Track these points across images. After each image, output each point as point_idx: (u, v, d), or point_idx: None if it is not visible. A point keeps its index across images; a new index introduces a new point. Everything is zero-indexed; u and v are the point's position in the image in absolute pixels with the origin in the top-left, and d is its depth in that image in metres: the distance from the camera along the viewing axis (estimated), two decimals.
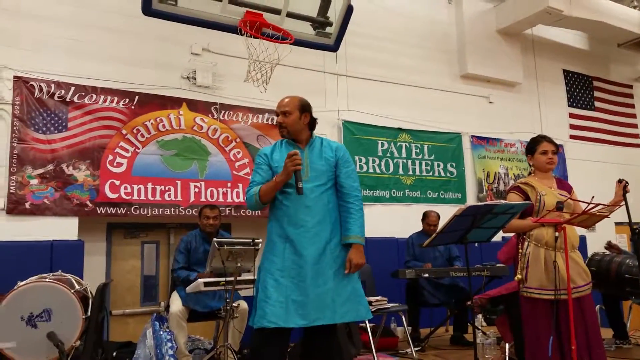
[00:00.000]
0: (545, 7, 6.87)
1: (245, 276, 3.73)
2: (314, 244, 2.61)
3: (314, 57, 6.15)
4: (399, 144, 6.73)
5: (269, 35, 5.10)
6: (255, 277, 2.62)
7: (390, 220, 6.33)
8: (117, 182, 4.99)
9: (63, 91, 4.86)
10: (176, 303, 4.01)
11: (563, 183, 3.45)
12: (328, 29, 6.30)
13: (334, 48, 6.27)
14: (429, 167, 6.88)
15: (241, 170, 5.60)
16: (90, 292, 2.92)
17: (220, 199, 5.41)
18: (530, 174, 3.44)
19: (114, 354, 3.57)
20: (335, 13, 5.74)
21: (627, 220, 3.36)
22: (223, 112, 5.65)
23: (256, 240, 3.58)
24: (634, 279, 4.06)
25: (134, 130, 5.16)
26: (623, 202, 3.24)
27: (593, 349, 3.01)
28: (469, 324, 5.20)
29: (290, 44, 5.25)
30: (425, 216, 5.51)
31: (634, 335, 5.01)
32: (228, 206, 5.42)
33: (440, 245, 4.41)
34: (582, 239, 6.08)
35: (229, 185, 5.50)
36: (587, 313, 3.09)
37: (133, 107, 5.18)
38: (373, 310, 4.46)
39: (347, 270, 2.65)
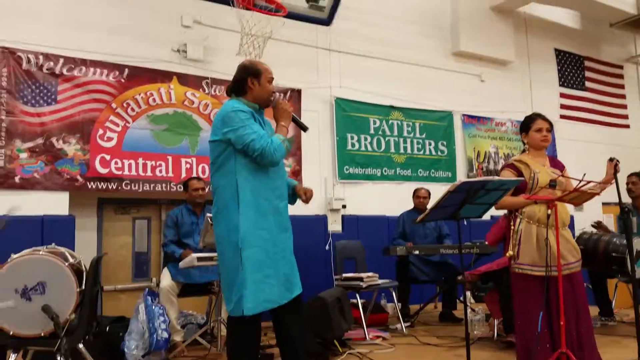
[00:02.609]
0: None
1: None
2: (287, 215, 2.62)
3: (307, 32, 6.09)
4: (390, 121, 6.72)
5: (261, 7, 5.03)
6: (234, 254, 2.38)
7: (381, 198, 6.37)
8: (108, 157, 4.94)
9: (52, 63, 4.76)
10: (166, 278, 4.03)
11: (556, 161, 3.47)
12: (321, 2, 6.24)
13: (327, 22, 6.22)
14: (420, 146, 6.90)
15: None
16: (85, 266, 2.91)
17: None
18: (523, 152, 3.45)
19: (107, 328, 3.59)
20: None
21: (614, 201, 3.40)
22: (214, 86, 5.59)
23: None
24: (621, 257, 4.13)
25: (124, 104, 5.09)
26: (614, 181, 3.28)
27: (582, 324, 3.07)
28: (458, 301, 5.30)
29: (283, 16, 5.19)
30: (415, 192, 5.57)
31: (618, 312, 5.13)
32: None
33: (433, 220, 4.45)
34: (571, 218, 6.18)
35: None
36: (577, 289, 3.14)
37: (123, 80, 5.10)
38: (364, 286, 4.53)
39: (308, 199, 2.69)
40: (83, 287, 2.78)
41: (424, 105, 6.93)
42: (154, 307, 3.56)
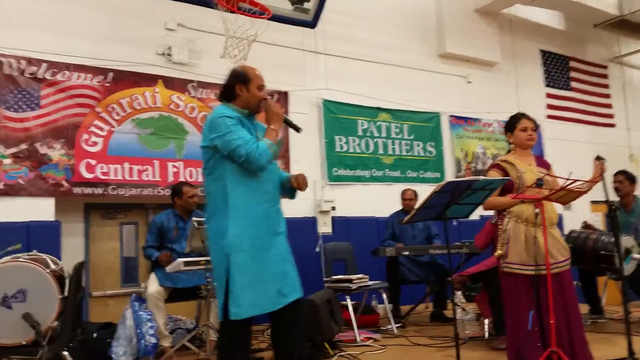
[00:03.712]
0: None
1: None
2: (282, 219, 2.59)
3: (292, 35, 6.06)
4: (378, 123, 6.72)
5: (245, 9, 5.00)
6: (221, 259, 2.38)
7: (370, 200, 6.36)
8: (93, 162, 4.88)
9: (35, 68, 4.70)
10: (153, 284, 3.97)
11: (541, 160, 3.47)
12: (306, 5, 6.21)
13: (312, 24, 6.18)
14: (408, 147, 6.90)
15: None
16: (67, 272, 2.86)
17: (200, 179, 5.34)
18: (509, 152, 3.45)
19: (94, 334, 3.53)
20: None
21: (602, 199, 3.41)
22: (200, 89, 5.55)
23: None
24: (609, 255, 4.15)
25: (109, 108, 5.03)
26: (601, 179, 3.28)
27: (573, 322, 3.07)
28: (448, 301, 5.29)
29: (268, 19, 5.16)
30: (402, 193, 5.58)
31: (608, 310, 5.15)
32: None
33: (419, 221, 4.44)
34: (560, 217, 6.21)
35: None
36: (566, 288, 3.14)
37: (107, 85, 5.05)
38: (354, 288, 4.51)
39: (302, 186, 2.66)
40: (66, 293, 2.73)
41: (411, 107, 6.94)
42: (141, 312, 3.50)
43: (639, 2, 7.77)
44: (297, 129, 2.70)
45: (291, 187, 2.69)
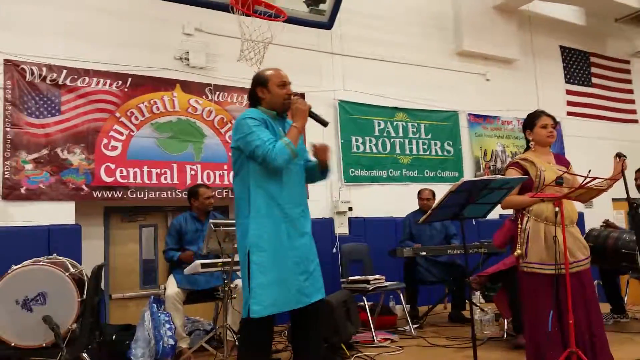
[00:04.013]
0: None
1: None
2: (308, 221, 2.61)
3: (308, 36, 6.08)
4: (395, 123, 6.69)
5: (261, 12, 5.03)
6: (244, 258, 2.45)
7: (388, 200, 6.33)
8: (113, 166, 4.96)
9: (55, 74, 4.80)
10: (171, 286, 4.03)
11: (561, 158, 3.42)
12: (322, 6, 6.22)
13: (328, 25, 6.18)
14: (425, 146, 6.85)
15: None
16: (86, 275, 2.91)
17: (217, 181, 5.39)
18: (527, 149, 3.40)
19: (114, 336, 3.58)
20: None
21: (624, 196, 3.34)
22: (217, 93, 5.60)
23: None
24: (631, 254, 4.07)
25: (128, 113, 5.11)
26: (621, 177, 3.21)
27: (593, 322, 3.01)
28: (466, 301, 5.23)
29: (284, 21, 5.18)
30: (419, 193, 5.54)
31: (631, 309, 5.04)
32: (225, 188, 5.41)
33: (435, 221, 4.40)
34: (580, 215, 6.10)
35: (225, 167, 5.47)
36: (587, 287, 3.08)
37: (126, 90, 5.12)
38: (371, 288, 4.49)
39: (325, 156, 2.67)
40: (84, 296, 2.78)
41: (428, 106, 6.90)
42: (159, 314, 3.55)
43: None
44: (324, 123, 2.69)
45: (321, 169, 2.72)
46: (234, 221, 3.42)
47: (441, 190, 5.14)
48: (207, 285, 4.07)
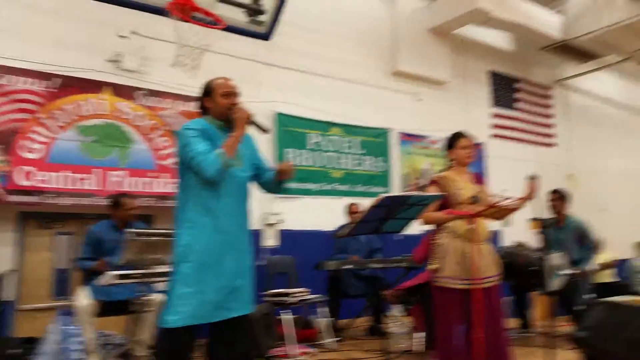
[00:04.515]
0: (475, 7, 7.13)
1: (162, 269, 3.63)
2: (245, 234, 2.62)
3: (248, 46, 6.07)
4: (329, 137, 6.79)
5: (199, 19, 4.98)
6: (171, 269, 2.47)
7: (318, 213, 6.39)
8: (31, 169, 4.73)
9: None
10: (84, 297, 3.87)
11: (478, 178, 3.59)
12: (261, 17, 6.25)
13: (266, 37, 6.21)
14: (357, 162, 6.99)
15: (167, 159, 5.44)
16: None
17: (142, 189, 5.24)
18: (448, 168, 3.55)
19: (18, 350, 3.38)
20: (269, 0, 5.71)
21: (540, 216, 3.55)
22: (149, 98, 5.47)
23: (170, 232, 3.48)
24: (538, 271, 4.32)
25: (52, 115, 4.89)
26: (533, 198, 3.40)
27: (499, 337, 3.17)
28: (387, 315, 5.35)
29: (222, 29, 5.15)
30: (349, 207, 5.69)
31: (538, 324, 5.32)
32: (151, 197, 5.26)
33: (357, 235, 4.49)
34: (497, 233, 6.38)
35: (152, 175, 5.33)
36: (495, 302, 3.24)
37: (53, 90, 4.92)
38: (291, 302, 4.50)
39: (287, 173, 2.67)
40: None
41: (362, 122, 7.05)
42: (68, 327, 3.39)
43: (582, 27, 8.12)
44: (265, 130, 2.67)
45: (279, 180, 2.72)
46: (155, 230, 3.34)
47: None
48: (122, 296, 3.93)
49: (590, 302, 4.36)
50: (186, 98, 5.56)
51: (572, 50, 8.68)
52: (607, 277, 6.79)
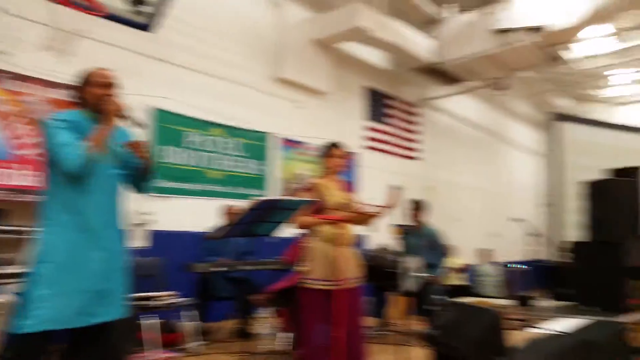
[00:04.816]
0: (355, 25, 7.55)
1: (15, 269, 3.38)
2: (115, 234, 2.53)
3: (129, 37, 5.81)
4: (210, 137, 6.75)
5: (77, 3, 4.71)
6: (26, 271, 2.32)
7: (194, 214, 6.32)
8: None
9: None
10: None
11: (347, 186, 3.86)
12: (143, 7, 6.04)
13: (146, 27, 6.01)
14: (237, 164, 7.04)
15: (28, 149, 5.03)
16: None
17: None
18: (321, 175, 3.76)
19: None
20: None
21: (401, 223, 3.89)
22: (14, 82, 5.01)
23: (27, 229, 3.27)
24: (394, 273, 4.75)
25: None
26: (394, 207, 3.73)
27: (357, 335, 3.43)
28: (253, 316, 5.44)
29: (101, 16, 4.92)
30: (225, 209, 5.71)
31: (395, 323, 5.79)
32: (4, 189, 4.83)
33: (231, 237, 4.54)
34: (363, 238, 6.81)
35: (5, 165, 4.89)
36: (356, 302, 3.51)
37: None
38: (160, 305, 4.42)
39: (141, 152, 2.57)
40: None
41: (244, 125, 7.11)
42: None
43: (450, 53, 8.92)
44: (141, 126, 2.57)
45: (142, 172, 2.60)
46: (7, 228, 3.11)
47: None
48: None
49: (442, 303, 4.88)
50: (55, 85, 5.20)
51: (440, 73, 9.52)
52: (459, 280, 7.62)
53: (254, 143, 7.28)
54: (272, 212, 3.26)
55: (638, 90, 13.54)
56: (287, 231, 3.95)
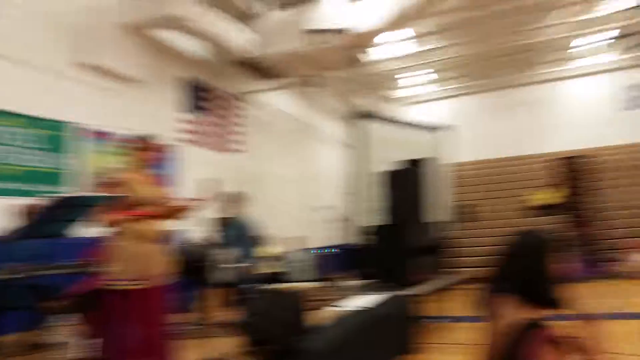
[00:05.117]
0: (166, 12, 7.25)
1: None
2: None
3: None
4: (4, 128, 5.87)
5: None
6: None
7: None
8: None
9: None
10: None
11: (159, 180, 3.74)
12: None
13: None
14: (26, 157, 6.22)
15: None
16: None
17: None
18: (130, 169, 3.58)
19: None
20: None
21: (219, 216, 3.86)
22: None
23: None
24: (207, 266, 4.78)
25: None
26: (209, 200, 3.71)
27: (162, 332, 3.37)
28: (51, 325, 4.94)
29: None
30: (25, 208, 4.99)
31: (211, 316, 5.78)
32: None
33: (23, 239, 4.05)
34: (179, 232, 6.66)
35: None
36: (163, 299, 3.43)
37: None
38: None
39: None
40: None
41: (37, 113, 6.33)
42: None
43: (267, 48, 9.06)
44: None
45: None
46: None
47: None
48: None
49: (256, 291, 5.04)
50: None
51: (258, 68, 9.69)
52: (274, 268, 7.91)
53: (49, 133, 6.51)
54: (69, 210, 2.99)
55: (430, 90, 15.82)
56: (89, 230, 3.66)
